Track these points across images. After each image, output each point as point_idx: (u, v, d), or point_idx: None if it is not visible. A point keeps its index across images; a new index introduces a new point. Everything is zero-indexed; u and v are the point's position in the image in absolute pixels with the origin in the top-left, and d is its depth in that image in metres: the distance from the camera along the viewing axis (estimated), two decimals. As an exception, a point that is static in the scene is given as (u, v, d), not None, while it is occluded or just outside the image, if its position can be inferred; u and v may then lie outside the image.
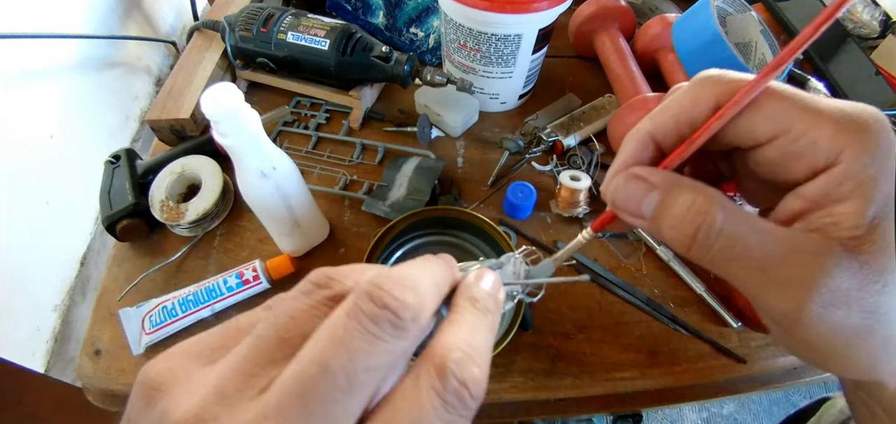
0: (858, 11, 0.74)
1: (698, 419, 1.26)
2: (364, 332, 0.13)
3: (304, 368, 0.13)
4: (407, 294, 0.14)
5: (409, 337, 0.14)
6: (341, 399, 0.13)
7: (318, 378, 0.13)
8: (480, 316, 0.17)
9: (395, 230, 0.45)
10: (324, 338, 0.13)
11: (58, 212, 0.52)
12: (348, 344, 0.13)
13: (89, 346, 0.43)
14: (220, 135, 0.33)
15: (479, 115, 0.61)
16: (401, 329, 0.14)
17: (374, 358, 0.13)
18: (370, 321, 0.13)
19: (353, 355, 0.13)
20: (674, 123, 0.19)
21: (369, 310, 0.14)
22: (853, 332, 0.17)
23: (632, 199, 0.19)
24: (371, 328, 0.13)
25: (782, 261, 0.17)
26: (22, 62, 0.49)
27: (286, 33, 0.55)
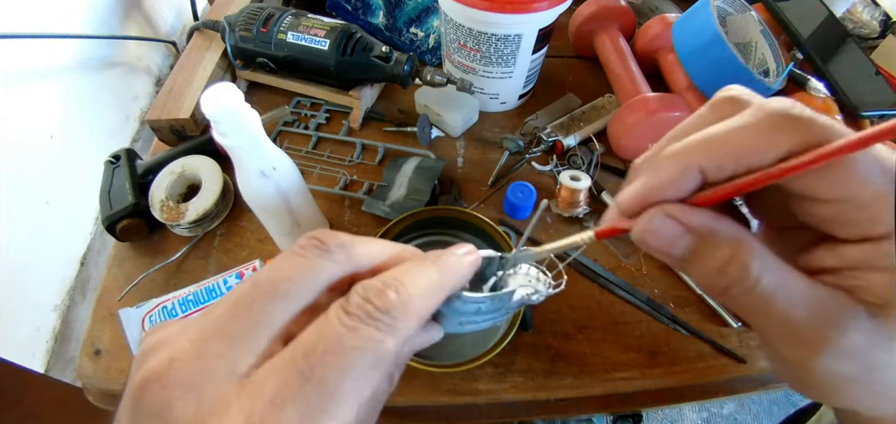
0: (858, 11, 0.74)
1: (698, 419, 1.26)
2: (293, 255, 0.17)
3: (240, 285, 0.17)
4: (340, 235, 0.18)
5: (332, 260, 0.17)
6: (263, 302, 0.16)
7: (247, 287, 0.16)
8: (423, 260, 0.19)
9: (395, 231, 0.45)
10: (264, 267, 0.17)
11: (58, 212, 0.52)
12: (277, 262, 0.17)
13: (89, 346, 0.43)
14: (220, 135, 0.33)
15: (479, 115, 0.61)
16: (323, 249, 0.17)
17: (296, 270, 0.17)
18: (299, 247, 0.17)
19: (279, 268, 0.17)
20: (733, 162, 0.17)
21: (301, 241, 0.18)
22: (856, 383, 0.17)
23: (663, 241, 0.18)
24: (299, 251, 0.17)
25: (805, 321, 0.17)
26: (22, 62, 0.49)
27: (286, 33, 0.55)
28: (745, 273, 0.17)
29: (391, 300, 0.16)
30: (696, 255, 0.18)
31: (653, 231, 0.18)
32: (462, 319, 0.22)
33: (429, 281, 0.18)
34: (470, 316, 0.22)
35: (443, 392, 0.41)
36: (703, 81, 0.55)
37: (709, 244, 0.17)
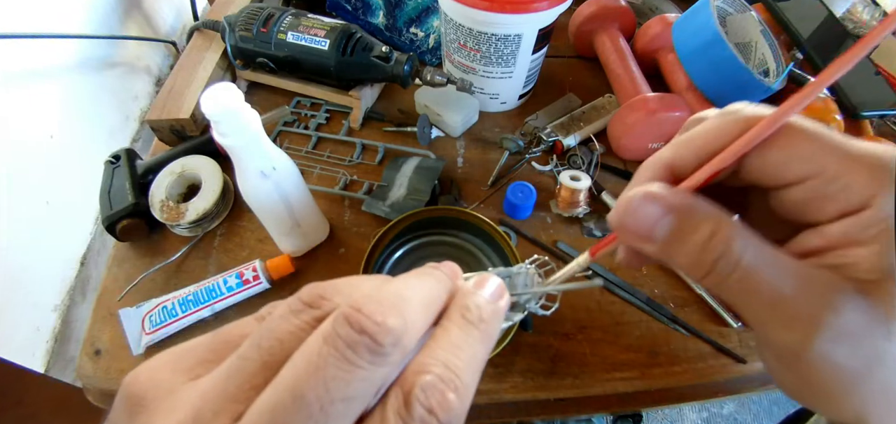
0: (858, 11, 0.74)
1: (698, 419, 1.26)
2: (340, 359, 0.13)
3: (279, 397, 0.13)
4: (388, 317, 0.14)
5: (389, 363, 0.14)
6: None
7: (292, 409, 0.12)
8: (469, 328, 0.16)
9: (395, 231, 0.45)
10: (300, 365, 0.13)
11: (58, 212, 0.52)
12: (324, 371, 0.13)
13: (89, 346, 0.43)
14: (220, 135, 0.33)
15: (479, 115, 0.61)
16: (379, 354, 0.13)
17: (351, 387, 0.13)
18: (347, 346, 0.13)
19: (329, 384, 0.13)
20: (695, 155, 0.18)
21: (346, 336, 0.13)
22: (852, 374, 0.17)
23: (644, 221, 0.18)
24: (347, 354, 0.13)
25: (793, 297, 0.16)
26: (22, 62, 0.49)
27: (286, 33, 0.55)
28: (729, 247, 0.17)
29: (454, 405, 0.14)
30: (678, 235, 0.17)
31: (633, 211, 0.18)
32: None
33: (480, 360, 0.16)
34: None
35: (443, 392, 0.41)
36: (703, 81, 0.55)
37: (690, 220, 0.17)
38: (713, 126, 0.18)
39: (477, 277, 0.18)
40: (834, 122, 0.53)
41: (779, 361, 0.18)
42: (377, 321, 0.13)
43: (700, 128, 0.19)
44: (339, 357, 0.13)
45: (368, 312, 0.13)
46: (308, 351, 0.13)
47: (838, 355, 0.16)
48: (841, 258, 0.17)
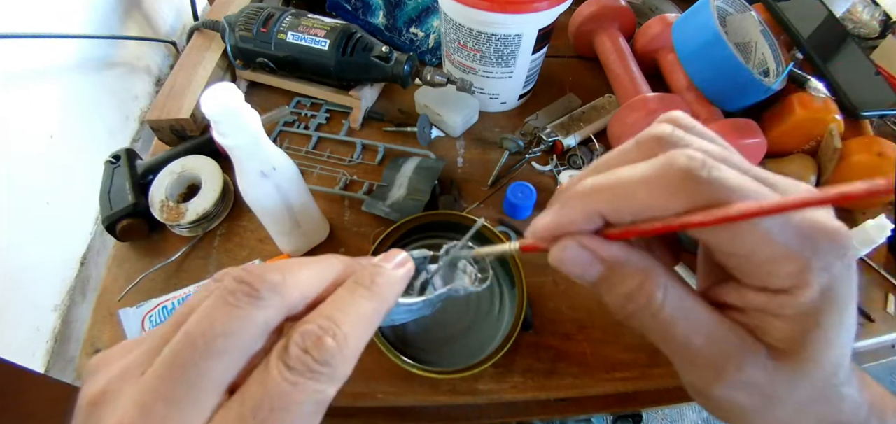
0: (858, 11, 0.74)
1: (698, 419, 1.26)
2: (223, 303, 0.16)
3: (175, 339, 0.16)
4: (267, 273, 0.17)
5: (266, 306, 0.16)
6: (202, 363, 0.15)
7: (182, 345, 0.15)
8: (356, 288, 0.19)
9: (394, 236, 0.45)
10: (194, 314, 0.16)
11: (58, 212, 0.52)
12: (209, 313, 0.16)
13: (89, 346, 0.43)
14: (220, 135, 0.33)
15: (479, 115, 0.61)
16: (255, 297, 0.16)
17: (229, 324, 0.16)
18: (229, 293, 0.16)
19: (212, 322, 0.16)
20: (631, 212, 0.18)
21: (230, 286, 0.16)
22: (752, 412, 0.18)
23: (577, 267, 0.19)
24: (229, 299, 0.16)
25: (702, 350, 0.18)
26: (22, 62, 0.48)
27: (286, 33, 0.55)
28: (650, 300, 0.18)
29: (329, 347, 0.16)
30: (605, 282, 0.19)
31: (566, 259, 0.19)
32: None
33: (364, 314, 0.18)
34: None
35: (443, 392, 0.41)
36: (703, 81, 0.55)
37: (618, 273, 0.19)
38: (655, 193, 0.17)
39: (383, 255, 0.21)
40: (834, 122, 0.53)
41: (690, 389, 0.20)
42: (256, 274, 0.17)
43: (637, 186, 0.17)
44: (223, 301, 0.16)
45: (251, 269, 0.17)
46: (203, 305, 0.16)
47: (738, 397, 0.18)
48: (758, 321, 0.18)
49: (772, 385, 0.18)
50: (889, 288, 0.50)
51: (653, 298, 0.18)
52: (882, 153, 0.50)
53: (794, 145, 0.56)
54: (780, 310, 0.17)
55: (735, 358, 0.17)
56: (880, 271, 0.50)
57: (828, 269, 0.16)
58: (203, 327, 0.16)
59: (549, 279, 0.48)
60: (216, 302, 0.16)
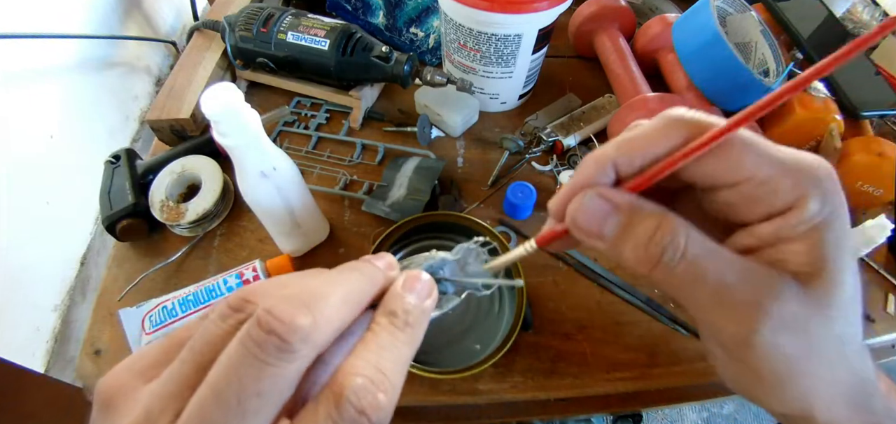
0: (858, 11, 0.74)
1: (698, 419, 1.26)
2: (252, 358, 0.14)
3: (205, 394, 0.14)
4: (297, 317, 0.15)
5: (299, 358, 0.15)
6: (234, 422, 0.14)
7: (213, 404, 0.14)
8: (396, 332, 0.17)
9: (393, 236, 0.45)
10: (221, 366, 0.15)
11: (58, 212, 0.52)
12: (238, 370, 0.14)
13: (89, 346, 0.43)
14: (220, 135, 0.33)
15: (479, 115, 0.61)
16: (287, 351, 0.14)
17: (261, 383, 0.14)
18: (257, 346, 0.14)
19: (242, 381, 0.14)
20: (640, 156, 0.19)
21: (256, 336, 0.14)
22: (796, 361, 0.18)
23: (594, 219, 0.19)
24: (257, 353, 0.14)
25: (736, 285, 0.18)
26: (22, 62, 0.48)
27: (286, 33, 0.55)
28: (674, 240, 0.18)
29: (383, 406, 0.15)
30: (625, 231, 0.19)
31: (584, 208, 0.19)
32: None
33: (406, 359, 0.17)
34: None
35: (443, 392, 0.41)
36: (703, 81, 0.55)
37: (636, 217, 0.19)
38: (657, 132, 0.19)
39: (406, 276, 0.20)
40: (834, 122, 0.53)
41: (724, 352, 0.20)
42: (285, 321, 0.14)
43: (644, 133, 0.20)
44: (251, 356, 0.14)
45: (278, 313, 0.15)
46: (227, 353, 0.15)
47: (782, 341, 0.18)
48: (775, 254, 0.18)
49: (808, 319, 0.18)
50: (889, 288, 0.50)
51: (676, 237, 0.18)
52: (882, 153, 0.50)
53: (795, 145, 0.56)
54: (793, 229, 0.18)
55: (771, 289, 0.17)
56: (880, 271, 0.50)
57: (818, 186, 0.17)
58: (234, 387, 0.14)
59: (549, 279, 0.48)
60: (244, 356, 0.14)
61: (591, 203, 0.19)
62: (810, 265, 0.18)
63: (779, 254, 0.18)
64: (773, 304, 0.17)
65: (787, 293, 0.17)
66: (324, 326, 0.15)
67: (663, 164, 0.19)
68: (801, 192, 0.17)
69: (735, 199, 0.19)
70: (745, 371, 0.19)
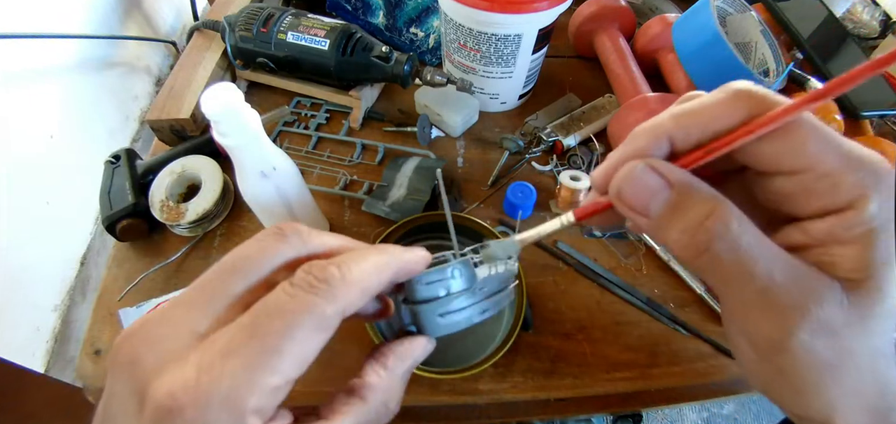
0: (858, 11, 0.74)
1: (698, 419, 1.26)
2: (254, 240, 0.19)
3: (210, 268, 0.19)
4: (300, 226, 0.20)
5: (287, 242, 0.19)
6: (223, 276, 0.18)
7: (213, 268, 0.19)
8: (372, 247, 0.21)
9: (394, 236, 0.45)
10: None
11: (58, 212, 0.52)
12: (240, 246, 0.19)
13: (89, 346, 0.43)
14: (220, 135, 0.33)
15: (479, 115, 0.61)
16: (280, 235, 0.19)
17: (253, 251, 0.19)
18: (261, 235, 0.20)
19: (239, 250, 0.19)
20: (699, 129, 0.18)
21: (264, 232, 0.20)
22: (828, 369, 0.17)
23: (642, 193, 0.18)
24: (259, 237, 0.20)
25: (783, 286, 0.17)
26: (22, 62, 0.48)
27: (286, 33, 0.55)
28: (727, 229, 0.17)
29: (332, 273, 0.18)
30: (675, 210, 0.17)
31: (634, 179, 0.18)
32: (439, 310, 0.23)
33: (374, 261, 0.19)
34: (445, 304, 0.23)
35: (443, 392, 0.41)
36: (703, 81, 0.55)
37: (688, 197, 0.17)
38: (719, 105, 0.18)
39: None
40: (834, 122, 0.53)
41: (755, 350, 0.19)
42: (289, 224, 0.20)
43: (705, 105, 0.18)
44: (254, 239, 0.20)
45: (285, 223, 0.20)
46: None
47: (816, 347, 0.17)
48: (824, 255, 0.17)
49: (847, 327, 0.17)
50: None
51: (729, 225, 0.17)
52: (882, 153, 0.50)
53: (794, 145, 0.56)
54: (848, 231, 0.17)
55: (815, 293, 0.17)
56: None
57: (879, 186, 0.16)
58: (231, 254, 0.19)
59: (549, 279, 0.48)
60: (248, 241, 0.20)
61: (642, 175, 0.18)
62: (858, 272, 0.17)
63: (828, 256, 0.17)
64: (815, 308, 0.16)
65: (831, 298, 0.17)
66: (315, 236, 0.20)
67: (723, 141, 0.17)
68: (861, 191, 0.16)
69: (792, 189, 0.17)
70: (772, 372, 0.18)
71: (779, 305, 0.17)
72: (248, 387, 0.15)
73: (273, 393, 0.16)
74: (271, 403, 0.16)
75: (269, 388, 0.16)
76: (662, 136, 0.18)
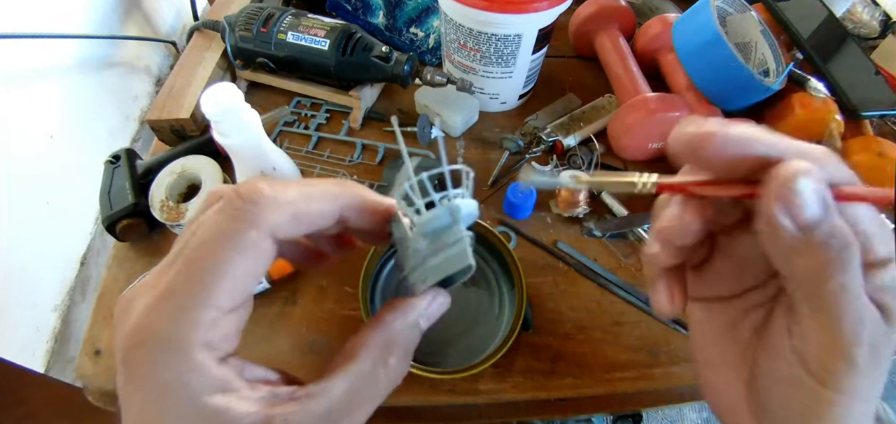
0: (858, 11, 0.74)
1: (698, 419, 1.26)
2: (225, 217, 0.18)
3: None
4: (260, 185, 0.19)
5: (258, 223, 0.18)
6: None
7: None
8: (316, 179, 0.20)
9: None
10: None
11: (58, 212, 0.52)
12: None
13: (89, 346, 0.43)
14: (220, 135, 0.33)
15: (479, 115, 0.61)
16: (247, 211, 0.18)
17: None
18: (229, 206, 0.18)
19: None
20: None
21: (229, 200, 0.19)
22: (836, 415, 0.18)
23: (819, 197, 0.17)
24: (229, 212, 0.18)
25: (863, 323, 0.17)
26: (22, 62, 0.49)
27: (286, 33, 0.55)
28: (854, 269, 0.17)
29: (260, 191, 0.17)
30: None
31: (811, 180, 0.16)
32: (414, 259, 0.21)
33: (319, 186, 0.19)
34: (416, 249, 0.21)
35: (443, 392, 0.41)
36: (703, 81, 0.55)
37: (836, 227, 0.17)
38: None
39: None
40: (834, 122, 0.53)
41: (802, 367, 0.18)
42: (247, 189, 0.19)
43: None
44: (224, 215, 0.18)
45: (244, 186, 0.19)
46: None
47: (858, 387, 0.17)
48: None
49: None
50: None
51: (856, 265, 0.17)
52: (882, 153, 0.50)
53: (794, 145, 0.56)
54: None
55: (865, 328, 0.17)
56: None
57: None
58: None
59: (549, 279, 0.48)
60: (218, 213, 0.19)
61: (813, 188, 0.16)
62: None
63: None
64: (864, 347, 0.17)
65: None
66: (282, 200, 0.18)
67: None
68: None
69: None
70: (808, 398, 0.18)
71: (847, 342, 0.17)
72: (188, 324, 0.16)
73: (212, 325, 0.16)
74: (215, 334, 0.17)
75: (209, 321, 0.16)
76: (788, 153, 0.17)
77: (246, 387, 0.17)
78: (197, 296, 0.16)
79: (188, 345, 0.16)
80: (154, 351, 0.16)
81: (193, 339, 0.16)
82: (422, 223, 0.20)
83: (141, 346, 0.16)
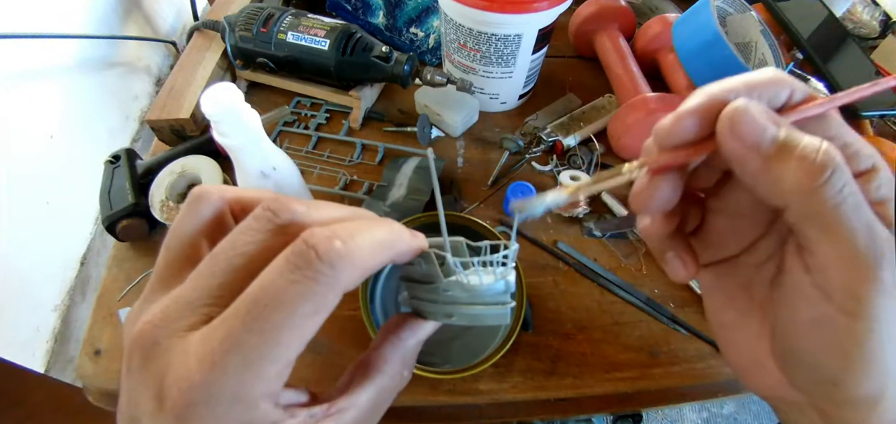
0: (858, 11, 0.74)
1: (698, 419, 1.27)
2: (245, 228, 0.17)
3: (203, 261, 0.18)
4: (292, 203, 0.18)
5: (275, 222, 0.17)
6: (211, 264, 0.17)
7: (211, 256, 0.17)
8: (372, 218, 0.19)
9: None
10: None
11: (58, 212, 0.52)
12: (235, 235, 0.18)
13: (89, 346, 0.43)
14: (220, 135, 0.33)
15: (479, 115, 0.61)
16: (273, 220, 0.17)
17: (245, 236, 0.17)
18: (254, 217, 0.18)
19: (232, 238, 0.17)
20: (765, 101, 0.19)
21: (256, 217, 0.18)
22: (890, 336, 0.17)
23: (760, 120, 0.17)
24: (253, 219, 0.18)
25: (880, 238, 0.17)
26: (22, 62, 0.49)
27: (286, 33, 0.55)
28: (842, 170, 0.17)
29: (336, 249, 0.16)
30: (787, 143, 0.17)
31: (747, 111, 0.17)
32: (443, 298, 0.22)
33: (378, 236, 0.18)
34: (448, 292, 0.22)
35: (443, 392, 0.41)
36: (703, 81, 0.54)
37: (796, 135, 0.17)
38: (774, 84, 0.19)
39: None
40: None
41: (831, 302, 0.18)
42: (277, 200, 0.18)
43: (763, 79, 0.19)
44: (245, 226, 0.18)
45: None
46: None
47: (889, 310, 0.17)
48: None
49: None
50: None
51: (843, 166, 0.17)
52: (882, 153, 0.50)
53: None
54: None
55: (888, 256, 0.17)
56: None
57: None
58: (225, 244, 0.17)
59: (549, 279, 0.48)
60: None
61: (753, 109, 0.17)
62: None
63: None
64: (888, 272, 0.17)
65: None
66: (304, 208, 0.18)
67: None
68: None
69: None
70: (834, 336, 0.18)
71: (868, 260, 0.17)
72: (254, 379, 0.15)
73: (278, 377, 0.16)
74: (278, 384, 0.16)
75: (273, 374, 0.16)
76: (730, 93, 0.18)
77: (288, 417, 0.17)
78: (267, 355, 0.16)
79: (255, 399, 0.16)
80: (217, 409, 0.15)
81: (259, 392, 0.16)
82: (474, 286, 0.22)
83: (202, 404, 0.15)
